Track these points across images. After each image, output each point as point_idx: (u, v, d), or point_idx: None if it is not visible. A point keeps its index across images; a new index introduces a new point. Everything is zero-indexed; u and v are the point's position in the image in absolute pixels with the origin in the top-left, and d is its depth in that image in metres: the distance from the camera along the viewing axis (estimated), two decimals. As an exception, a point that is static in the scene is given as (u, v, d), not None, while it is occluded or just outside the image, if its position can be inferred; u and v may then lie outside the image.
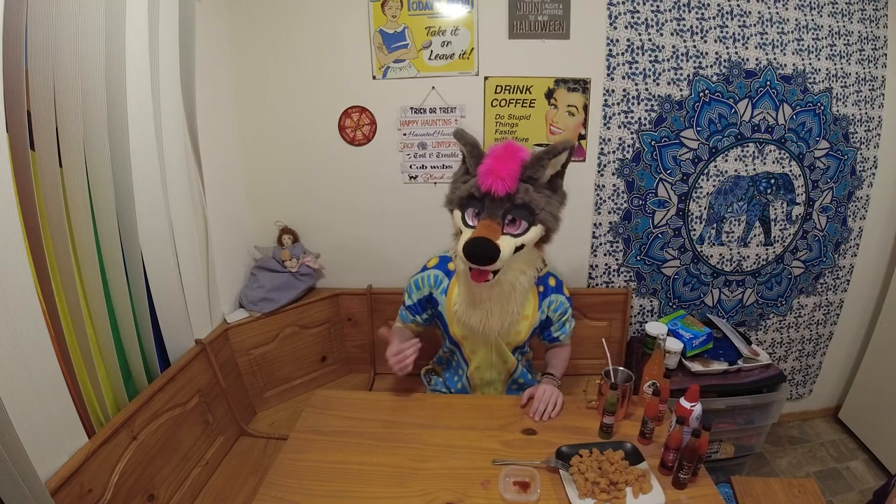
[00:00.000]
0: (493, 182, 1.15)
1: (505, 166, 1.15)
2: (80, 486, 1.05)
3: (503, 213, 1.18)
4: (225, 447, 1.61)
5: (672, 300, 2.12)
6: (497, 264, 1.16)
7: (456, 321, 1.39)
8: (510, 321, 1.33)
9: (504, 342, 1.40)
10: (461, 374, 1.51)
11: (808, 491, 1.48)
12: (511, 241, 1.18)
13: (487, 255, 1.14)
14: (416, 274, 1.47)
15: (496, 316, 1.31)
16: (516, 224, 1.19)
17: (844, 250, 2.12)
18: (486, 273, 1.19)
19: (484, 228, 1.16)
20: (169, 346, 1.50)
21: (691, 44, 1.77)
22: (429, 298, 1.44)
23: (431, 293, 1.43)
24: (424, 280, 1.44)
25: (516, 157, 1.18)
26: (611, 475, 1.06)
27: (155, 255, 1.39)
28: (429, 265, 1.46)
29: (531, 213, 1.19)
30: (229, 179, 1.87)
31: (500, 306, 1.31)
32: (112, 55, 1.16)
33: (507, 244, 1.17)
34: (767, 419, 1.83)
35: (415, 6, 1.74)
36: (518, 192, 1.16)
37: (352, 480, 1.12)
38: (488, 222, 1.17)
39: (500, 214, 1.17)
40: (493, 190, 1.15)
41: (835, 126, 1.91)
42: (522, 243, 1.20)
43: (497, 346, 1.41)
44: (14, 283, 0.94)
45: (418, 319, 1.48)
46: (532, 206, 1.18)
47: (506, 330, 1.35)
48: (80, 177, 1.11)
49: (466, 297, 1.34)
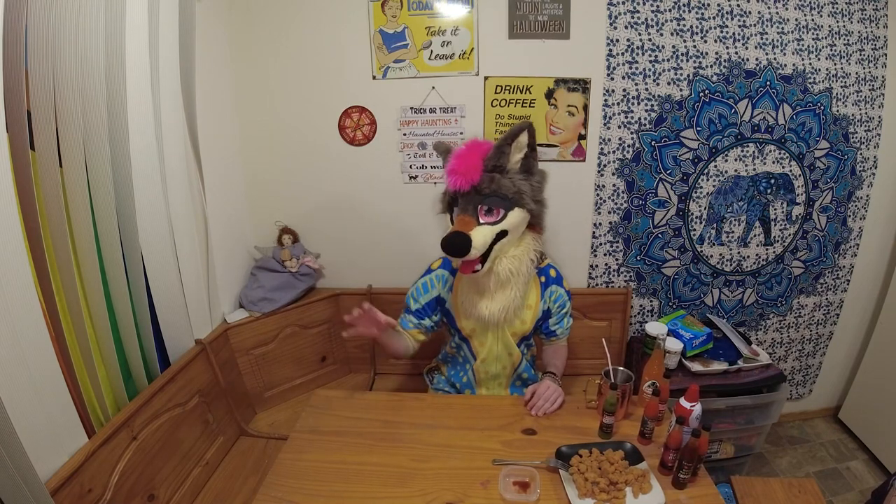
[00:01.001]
0: (455, 179, 1.24)
1: (464, 163, 1.24)
2: (80, 486, 1.05)
3: (475, 206, 1.25)
4: (225, 447, 1.61)
5: (672, 300, 2.12)
6: (473, 253, 1.22)
7: (463, 314, 1.42)
8: (514, 306, 1.36)
9: (510, 332, 1.43)
10: (467, 368, 1.52)
11: (808, 491, 1.48)
12: (488, 229, 1.25)
13: (459, 247, 1.21)
14: (421, 277, 1.49)
15: (498, 301, 1.34)
16: (493, 213, 1.25)
17: (844, 250, 2.12)
18: (471, 264, 1.26)
19: (459, 223, 1.25)
20: (169, 346, 1.50)
21: (691, 44, 1.77)
22: (437, 299, 1.46)
23: (440, 294, 1.46)
24: (431, 282, 1.46)
25: (476, 151, 1.25)
26: (610, 475, 1.06)
27: (155, 255, 1.39)
28: (433, 267, 1.49)
29: (504, 199, 1.25)
30: (229, 179, 1.87)
31: (501, 293, 1.34)
32: (112, 55, 1.16)
33: (482, 232, 1.24)
34: (767, 419, 1.83)
35: (415, 6, 1.74)
36: (482, 183, 1.23)
37: (352, 480, 1.12)
38: (462, 217, 1.26)
39: (471, 208, 1.25)
40: (458, 187, 1.24)
41: (835, 126, 1.91)
42: (504, 229, 1.26)
43: (503, 338, 1.44)
44: (14, 283, 0.94)
45: (426, 323, 1.46)
46: (502, 192, 1.24)
47: (511, 316, 1.38)
48: (80, 177, 1.11)
49: (469, 289, 1.38)
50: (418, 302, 1.46)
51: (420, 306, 1.46)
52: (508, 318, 1.38)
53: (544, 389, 1.35)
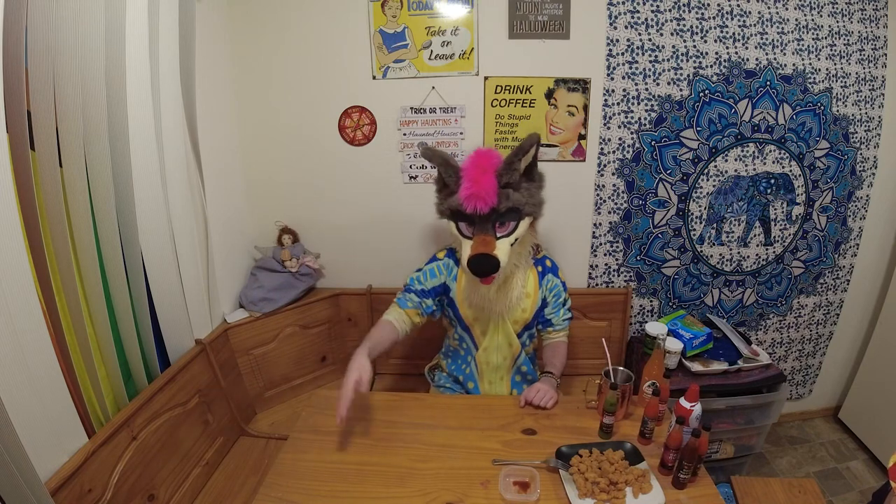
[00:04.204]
0: (475, 203, 1.25)
1: (482, 187, 1.25)
2: (80, 486, 1.05)
3: (492, 223, 1.30)
4: (225, 447, 1.61)
5: (672, 300, 2.12)
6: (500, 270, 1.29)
7: (466, 303, 1.46)
8: (516, 295, 1.42)
9: (511, 320, 1.46)
10: (469, 360, 1.55)
11: (808, 491, 1.48)
12: (505, 242, 1.31)
13: (491, 270, 1.28)
14: (427, 264, 1.52)
15: (503, 293, 1.41)
16: (506, 225, 1.31)
17: (844, 250, 2.12)
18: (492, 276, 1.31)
19: (481, 244, 1.28)
20: (169, 346, 1.50)
21: (691, 44, 1.77)
22: (444, 286, 1.50)
23: (445, 282, 1.49)
24: (439, 268, 1.50)
25: (490, 170, 1.26)
26: (611, 475, 1.06)
27: (155, 255, 1.39)
28: (439, 256, 1.53)
29: (518, 212, 1.31)
30: (229, 179, 1.87)
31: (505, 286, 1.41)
32: (112, 55, 1.16)
33: (504, 247, 1.30)
34: (767, 419, 1.83)
35: (415, 6, 1.73)
36: (501, 203, 1.27)
37: (351, 480, 1.12)
38: (482, 237, 1.29)
39: (490, 226, 1.30)
40: (479, 210, 1.26)
41: (835, 126, 1.91)
42: (516, 237, 1.33)
43: (504, 328, 1.47)
44: (14, 283, 0.94)
45: (427, 303, 1.47)
46: (516, 207, 1.29)
47: (513, 305, 1.43)
48: (80, 177, 1.11)
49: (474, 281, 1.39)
50: (423, 284, 1.48)
51: (427, 288, 1.48)
52: (512, 306, 1.43)
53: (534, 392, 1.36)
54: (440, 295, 1.50)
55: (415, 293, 1.48)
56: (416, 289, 1.48)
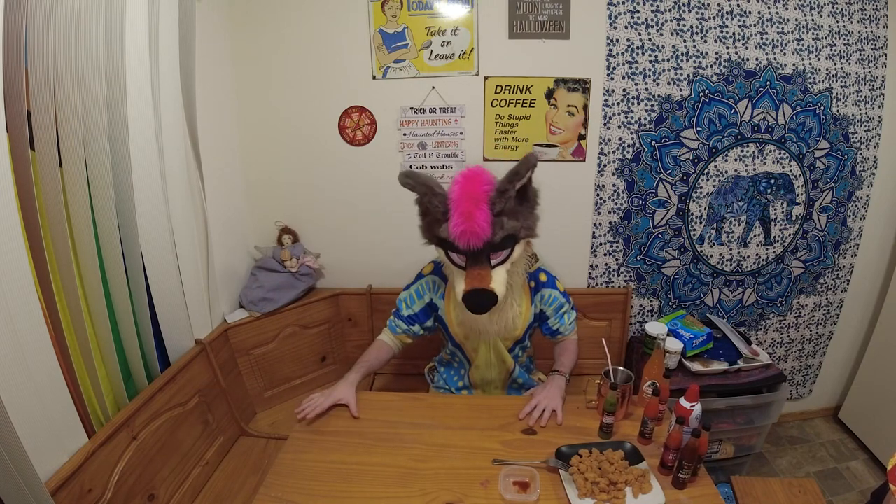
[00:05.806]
0: (469, 239, 1.14)
1: (476, 222, 1.13)
2: (80, 486, 1.05)
3: (487, 255, 1.19)
4: (225, 447, 1.61)
5: (672, 300, 2.12)
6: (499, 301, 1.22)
7: (456, 322, 1.42)
8: (511, 317, 1.38)
9: (501, 339, 1.43)
10: (462, 374, 1.53)
11: (808, 491, 1.48)
12: (501, 270, 1.22)
13: (489, 306, 1.21)
14: (413, 283, 1.48)
15: (497, 317, 1.35)
16: (500, 253, 1.21)
17: (844, 250, 2.12)
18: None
19: (476, 279, 1.18)
20: (169, 346, 1.50)
21: (691, 44, 1.77)
22: (430, 305, 1.46)
23: (432, 300, 1.45)
24: (424, 287, 1.46)
25: (482, 200, 1.14)
26: (610, 475, 1.06)
27: (155, 255, 1.39)
28: (424, 272, 1.49)
29: (513, 238, 1.21)
30: (229, 179, 1.87)
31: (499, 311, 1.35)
32: (112, 55, 1.16)
33: (500, 276, 1.21)
34: (767, 419, 1.83)
35: (415, 6, 1.73)
36: (496, 234, 1.16)
37: (351, 480, 1.12)
38: (477, 271, 1.19)
39: (485, 258, 1.19)
40: (472, 246, 1.15)
41: (835, 126, 1.91)
42: (511, 263, 1.24)
43: (495, 347, 1.44)
44: (14, 283, 0.94)
45: (415, 329, 1.46)
46: (511, 234, 1.19)
47: (508, 326, 1.39)
48: (80, 177, 1.11)
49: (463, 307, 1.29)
50: (411, 308, 1.46)
51: (414, 312, 1.46)
52: (508, 328, 1.39)
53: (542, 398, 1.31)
54: (430, 314, 1.47)
55: (402, 320, 1.46)
56: (403, 315, 1.46)
